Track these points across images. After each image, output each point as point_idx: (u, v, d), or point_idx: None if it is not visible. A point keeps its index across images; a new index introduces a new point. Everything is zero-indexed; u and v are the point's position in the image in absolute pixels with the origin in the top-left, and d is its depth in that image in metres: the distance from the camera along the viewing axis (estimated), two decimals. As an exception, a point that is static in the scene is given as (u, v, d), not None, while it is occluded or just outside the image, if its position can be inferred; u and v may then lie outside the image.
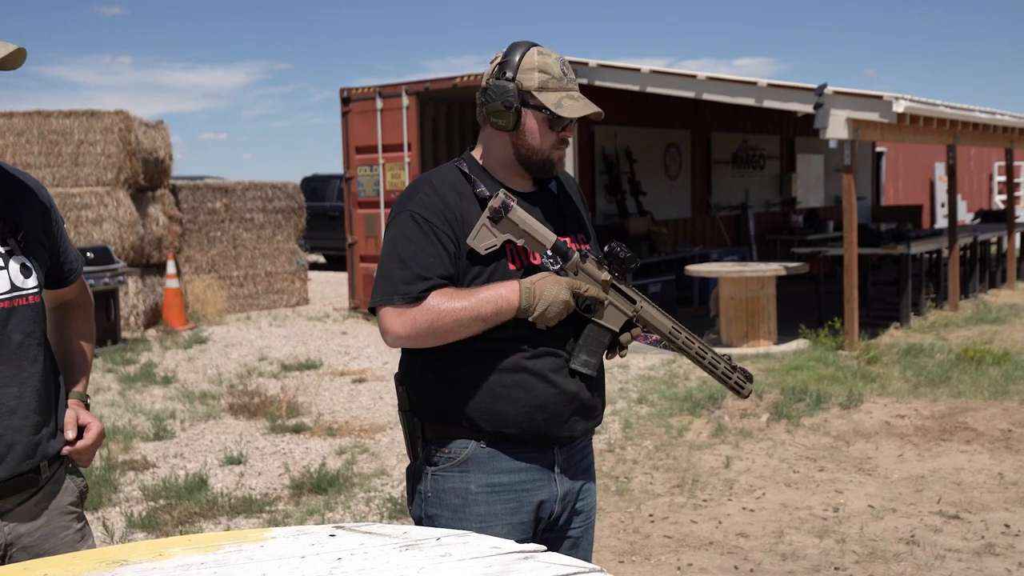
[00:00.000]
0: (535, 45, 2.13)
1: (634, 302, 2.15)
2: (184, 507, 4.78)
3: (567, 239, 2.15)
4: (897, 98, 8.26)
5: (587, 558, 2.24)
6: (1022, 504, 4.66)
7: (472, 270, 2.08)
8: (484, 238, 2.06)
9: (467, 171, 2.15)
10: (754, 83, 9.02)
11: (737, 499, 4.84)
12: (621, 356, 2.19)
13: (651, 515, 4.63)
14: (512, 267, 2.09)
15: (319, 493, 5.03)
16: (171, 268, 11.43)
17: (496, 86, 2.10)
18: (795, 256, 11.63)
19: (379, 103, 11.96)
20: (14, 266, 2.00)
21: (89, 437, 2.11)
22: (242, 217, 13.09)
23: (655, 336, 2.20)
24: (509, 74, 2.09)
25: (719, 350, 2.36)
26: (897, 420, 6.18)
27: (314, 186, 19.16)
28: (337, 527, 1.82)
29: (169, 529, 4.54)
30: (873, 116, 8.38)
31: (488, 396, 2.09)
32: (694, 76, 9.36)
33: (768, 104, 9.04)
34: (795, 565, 3.99)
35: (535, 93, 2.08)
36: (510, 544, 1.71)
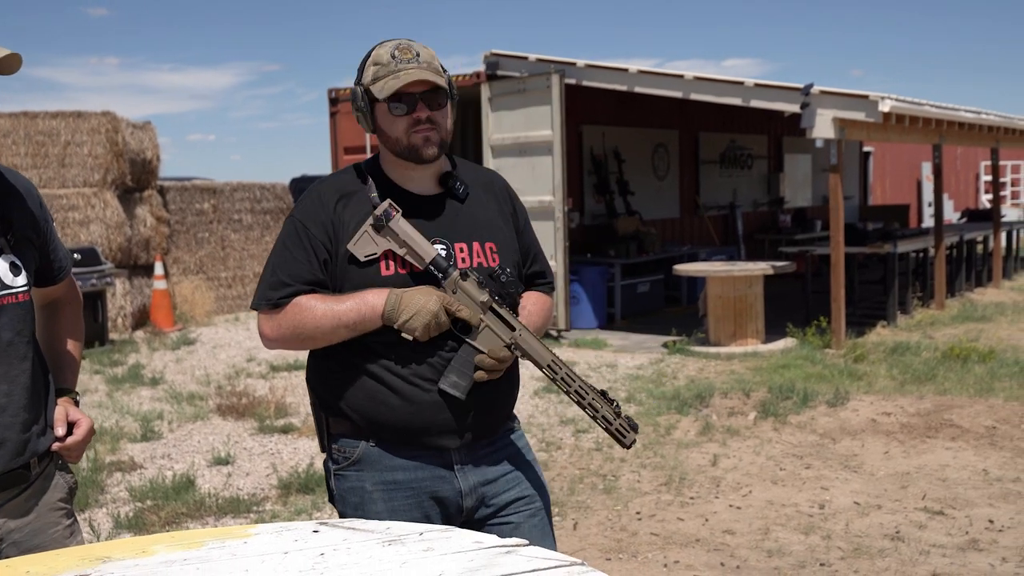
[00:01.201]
0: (391, 41, 2.11)
1: (513, 329, 2.07)
2: (171, 508, 4.78)
3: (462, 246, 2.11)
4: (883, 98, 8.30)
5: (541, 543, 2.21)
6: (1006, 500, 4.69)
7: (348, 271, 2.07)
8: (365, 245, 2.05)
9: (365, 172, 2.16)
10: (741, 83, 9.05)
11: (724, 497, 4.86)
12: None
13: (638, 513, 4.64)
14: (385, 272, 2.06)
15: (307, 493, 5.03)
16: (159, 269, 11.40)
17: (351, 94, 2.14)
18: (783, 255, 11.67)
19: (367, 104, 11.95)
20: (3, 264, 2.01)
21: (79, 433, 2.12)
22: (230, 218, 13.08)
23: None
24: (357, 79, 2.13)
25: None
26: (883, 418, 6.21)
27: (302, 187, 19.08)
28: (320, 523, 1.82)
29: (156, 530, 4.53)
30: (859, 116, 8.42)
31: (367, 400, 2.10)
32: (681, 76, 9.39)
33: (755, 104, 9.07)
34: (781, 562, 4.01)
35: (370, 88, 2.08)
36: (492, 539, 1.72)
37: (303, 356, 8.15)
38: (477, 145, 10.76)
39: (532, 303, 2.27)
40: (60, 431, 2.09)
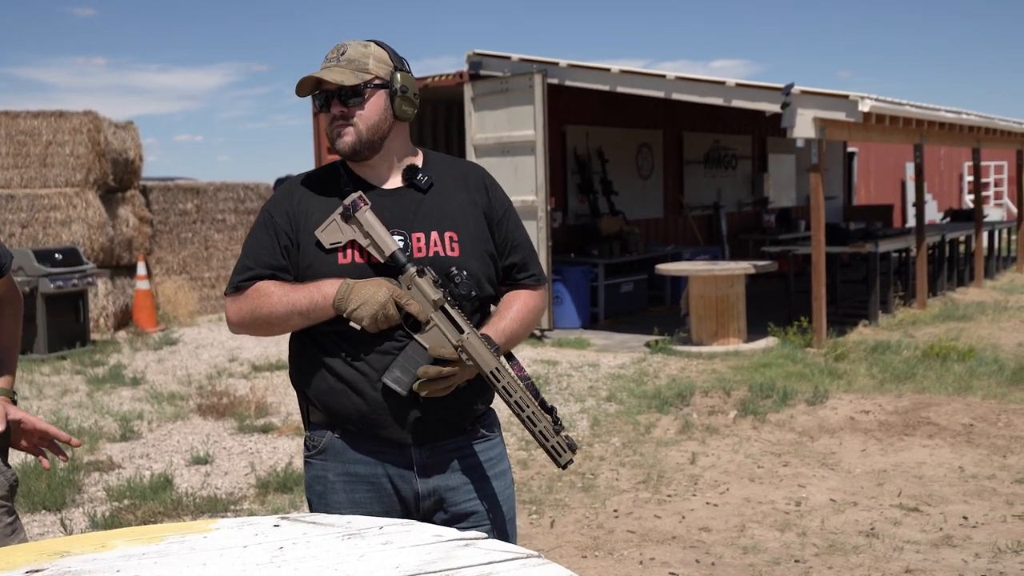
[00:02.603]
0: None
1: (461, 331, 2.05)
2: (148, 507, 4.77)
3: (419, 235, 2.12)
4: (863, 97, 8.34)
5: None
6: (981, 496, 4.72)
7: (308, 257, 2.11)
8: (332, 233, 2.09)
9: (339, 167, 2.21)
10: (723, 83, 9.08)
11: (701, 494, 4.88)
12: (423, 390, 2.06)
13: (615, 511, 4.65)
14: (342, 260, 2.09)
15: (285, 492, 5.02)
16: (141, 269, 11.36)
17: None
18: (765, 255, 11.70)
19: (351, 103, 11.94)
20: None
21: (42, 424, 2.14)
22: (213, 218, 13.04)
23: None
24: None
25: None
26: (862, 416, 6.24)
27: (287, 187, 19.09)
28: (282, 517, 1.82)
29: (132, 529, 4.52)
30: (840, 115, 8.46)
31: (328, 391, 2.12)
32: (663, 76, 9.41)
33: (737, 104, 9.11)
34: (756, 558, 4.03)
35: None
36: (451, 532, 1.73)
37: (285, 356, 8.12)
38: (460, 145, 10.76)
39: (511, 308, 2.22)
40: (0, 427, 2.09)
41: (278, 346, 9.85)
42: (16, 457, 5.42)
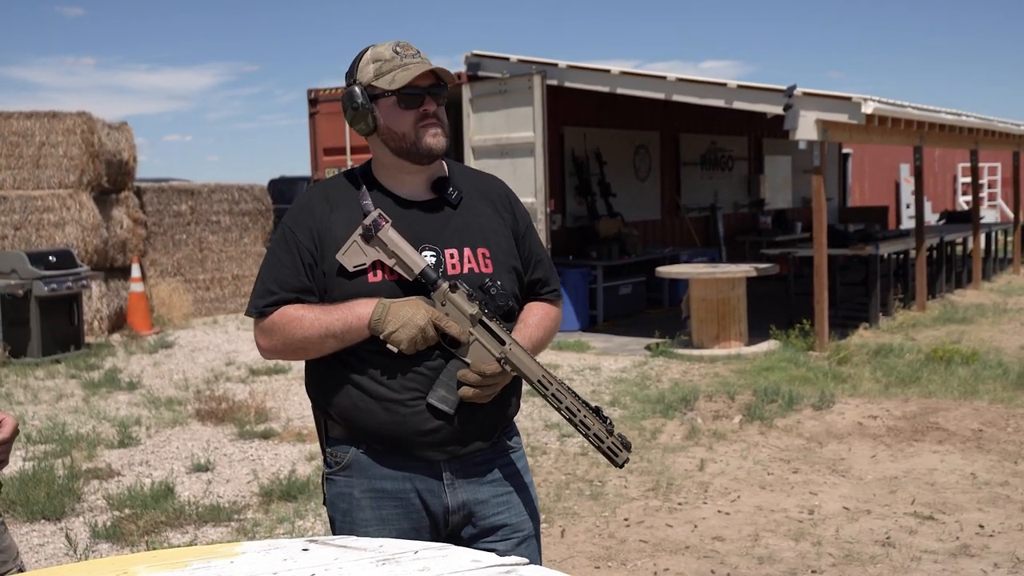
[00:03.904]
0: (385, 42, 2.10)
1: (503, 343, 2.00)
2: (150, 516, 4.67)
3: (452, 252, 2.06)
4: (866, 99, 8.30)
5: None
6: (995, 504, 4.67)
7: (335, 281, 2.03)
8: (354, 256, 2.01)
9: (358, 177, 2.11)
10: (724, 84, 9.03)
11: (712, 502, 4.81)
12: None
13: (626, 519, 4.58)
14: (373, 279, 2.01)
15: (288, 500, 4.94)
16: (136, 271, 11.25)
17: (344, 96, 2.08)
18: (764, 257, 11.66)
19: (347, 104, 11.86)
20: None
21: (3, 432, 2.04)
22: (208, 220, 12.93)
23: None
24: (351, 80, 2.08)
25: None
26: (869, 421, 6.18)
27: (281, 188, 19.02)
28: (310, 540, 1.75)
29: (135, 539, 4.42)
30: (842, 117, 8.41)
31: (352, 408, 2.05)
32: (664, 78, 9.35)
33: (738, 105, 9.05)
34: (772, 569, 3.96)
35: (374, 83, 2.04)
36: (490, 557, 1.65)
37: (282, 361, 8.01)
38: (458, 146, 10.68)
39: (533, 317, 2.19)
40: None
41: (275, 349, 9.74)
42: (14, 465, 5.31)
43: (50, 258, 9.40)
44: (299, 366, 8.74)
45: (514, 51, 10.24)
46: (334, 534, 2.11)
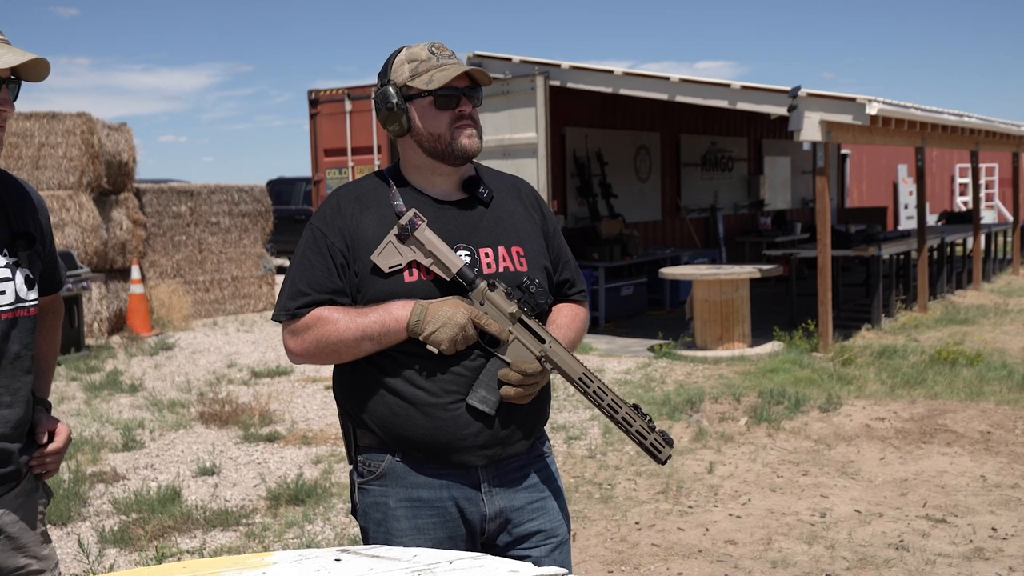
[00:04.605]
0: (420, 43, 2.06)
1: (543, 341, 1.99)
2: (158, 520, 4.64)
3: (487, 251, 2.04)
4: (870, 100, 8.28)
5: None
6: (1007, 507, 4.65)
7: (369, 281, 1.99)
8: (389, 256, 1.98)
9: (388, 178, 2.09)
10: (728, 85, 9.00)
11: (723, 505, 4.79)
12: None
13: (637, 523, 4.56)
14: (408, 279, 1.98)
15: (297, 504, 4.91)
16: (135, 273, 11.20)
17: (378, 96, 2.05)
18: (766, 258, 11.64)
19: (348, 105, 11.85)
20: (20, 277, 2.00)
21: (59, 440, 2.12)
22: (208, 221, 12.88)
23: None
24: (384, 79, 2.05)
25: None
26: (877, 423, 6.17)
27: (280, 189, 18.95)
28: (342, 550, 1.72)
29: (143, 544, 4.39)
30: (846, 118, 8.39)
31: (389, 414, 2.01)
32: (667, 78, 9.33)
33: (742, 106, 9.03)
34: (786, 573, 3.94)
35: (409, 83, 2.01)
36: (528, 568, 1.63)
37: (284, 362, 7.98)
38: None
39: (563, 317, 2.18)
40: (43, 438, 2.09)
41: (276, 351, 9.72)
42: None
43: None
44: (301, 368, 8.70)
45: (510, 50, 10.22)
46: (366, 544, 2.08)
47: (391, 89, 2.02)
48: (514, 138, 9.80)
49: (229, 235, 13.13)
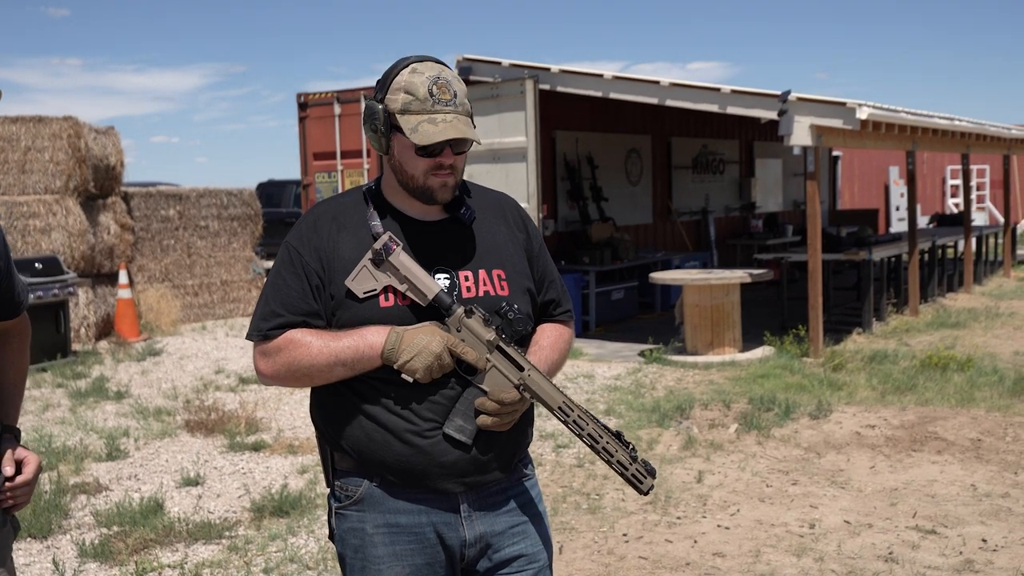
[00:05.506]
0: (422, 60, 1.95)
1: (522, 368, 1.94)
2: (139, 534, 4.57)
3: (467, 274, 1.98)
4: (860, 105, 8.25)
5: None
6: (997, 517, 4.61)
7: (344, 304, 1.94)
8: (364, 281, 1.92)
9: (367, 196, 2.02)
10: (718, 89, 8.97)
11: (711, 516, 4.74)
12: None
13: (625, 535, 4.51)
14: (384, 304, 1.93)
15: (281, 516, 4.85)
16: (123, 278, 11.12)
17: (367, 107, 1.97)
18: (757, 262, 11.61)
19: (337, 108, 11.79)
20: None
21: (28, 472, 2.00)
22: (196, 225, 12.81)
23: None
24: (380, 95, 1.96)
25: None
26: (867, 430, 6.13)
27: (270, 192, 18.89)
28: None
29: (124, 559, 4.33)
30: (837, 123, 8.37)
31: (366, 440, 1.96)
32: (657, 82, 9.29)
33: (732, 111, 9.00)
34: (774, 586, 3.89)
35: (398, 116, 1.92)
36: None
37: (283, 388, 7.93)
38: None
39: (547, 338, 2.12)
40: (8, 470, 1.98)
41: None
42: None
43: (36, 265, 9.29)
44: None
45: (500, 53, 10.18)
46: (343, 570, 2.04)
47: (380, 111, 1.94)
48: (504, 142, 9.75)
49: (218, 239, 13.06)
